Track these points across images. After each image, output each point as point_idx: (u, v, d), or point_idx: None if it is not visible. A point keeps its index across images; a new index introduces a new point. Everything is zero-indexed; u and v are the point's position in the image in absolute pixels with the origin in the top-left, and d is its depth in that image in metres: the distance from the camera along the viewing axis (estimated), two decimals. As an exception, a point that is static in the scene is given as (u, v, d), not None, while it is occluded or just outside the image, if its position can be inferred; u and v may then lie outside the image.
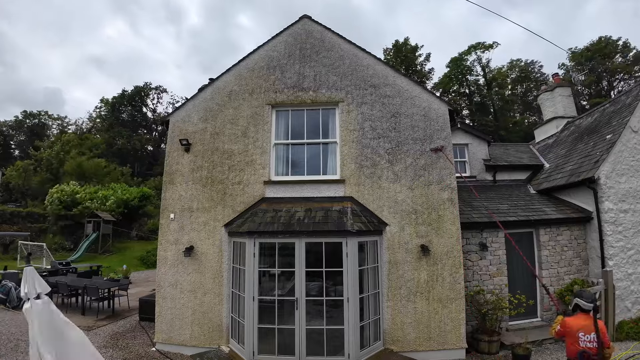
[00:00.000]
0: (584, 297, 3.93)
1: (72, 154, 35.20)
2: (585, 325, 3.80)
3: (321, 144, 7.46)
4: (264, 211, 6.75)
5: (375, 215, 6.82)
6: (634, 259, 7.77)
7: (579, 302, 3.95)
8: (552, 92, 12.91)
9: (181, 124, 7.69)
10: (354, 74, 7.51)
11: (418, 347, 6.39)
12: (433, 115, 7.25)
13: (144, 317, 8.74)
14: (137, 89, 50.43)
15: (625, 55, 33.05)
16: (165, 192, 7.43)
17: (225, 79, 7.77)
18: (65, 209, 24.30)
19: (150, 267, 19.45)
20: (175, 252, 7.08)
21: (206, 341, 6.73)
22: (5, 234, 21.34)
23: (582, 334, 3.78)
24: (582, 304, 3.92)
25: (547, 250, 8.05)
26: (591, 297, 3.89)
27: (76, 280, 10.51)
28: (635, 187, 8.04)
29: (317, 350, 5.91)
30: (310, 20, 7.96)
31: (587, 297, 3.92)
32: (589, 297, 3.90)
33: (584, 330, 3.79)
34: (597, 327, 3.72)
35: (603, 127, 9.45)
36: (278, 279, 6.44)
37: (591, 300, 3.86)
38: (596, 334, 3.70)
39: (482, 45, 39.09)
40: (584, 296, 3.94)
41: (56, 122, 52.78)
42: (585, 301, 3.89)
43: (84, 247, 21.85)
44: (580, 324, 3.84)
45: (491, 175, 10.80)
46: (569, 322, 3.95)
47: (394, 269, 6.62)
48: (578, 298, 3.98)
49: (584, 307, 3.89)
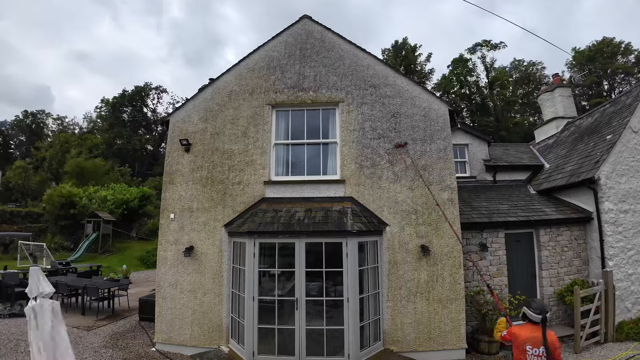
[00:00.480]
0: (532, 307, 3.54)
1: (71, 154, 35.20)
2: (532, 338, 3.42)
3: (321, 144, 7.46)
4: (264, 211, 6.75)
5: (375, 215, 6.82)
6: (634, 260, 7.77)
7: (527, 312, 3.58)
8: (552, 92, 12.91)
9: (181, 124, 7.69)
10: (354, 74, 7.51)
11: (418, 347, 6.39)
12: (433, 116, 7.24)
13: (144, 317, 8.74)
14: (138, 89, 50.48)
15: (627, 56, 33.10)
16: (165, 192, 7.43)
17: (225, 79, 7.78)
18: (63, 209, 24.30)
19: (150, 267, 19.45)
20: (175, 252, 7.08)
21: (206, 341, 6.73)
22: (6, 234, 21.34)
23: (530, 347, 3.41)
24: (529, 314, 3.54)
25: (547, 251, 8.04)
26: (540, 307, 3.48)
27: (76, 280, 10.51)
28: (635, 188, 8.04)
29: (317, 351, 5.90)
30: (310, 21, 7.96)
31: (536, 307, 3.51)
32: (537, 307, 3.50)
33: (531, 343, 3.42)
34: (545, 340, 3.36)
35: (603, 128, 9.44)
36: (278, 279, 6.43)
37: (540, 311, 3.46)
38: (545, 348, 3.34)
39: (489, 44, 39.04)
40: (532, 306, 3.55)
41: (56, 122, 52.84)
42: (533, 311, 3.50)
43: (84, 247, 21.84)
44: (527, 335, 3.47)
45: (491, 176, 10.80)
46: (515, 331, 3.60)
47: (394, 269, 6.62)
48: (526, 307, 3.60)
49: (531, 317, 3.52)
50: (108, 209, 25.25)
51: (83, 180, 31.58)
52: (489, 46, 39.10)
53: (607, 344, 7.04)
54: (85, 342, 7.29)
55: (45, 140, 44.72)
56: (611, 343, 7.05)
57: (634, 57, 33.07)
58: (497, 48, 38.99)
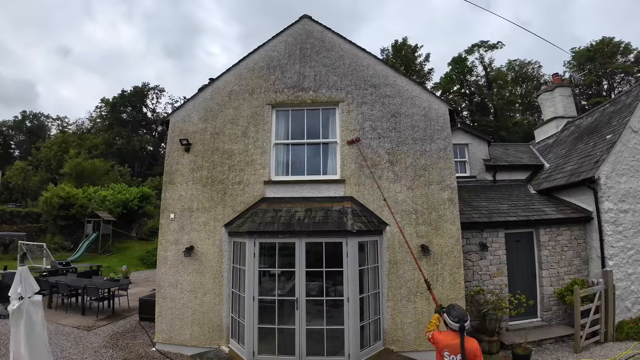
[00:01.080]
0: (451, 315, 3.40)
1: (70, 154, 35.18)
2: (451, 345, 3.31)
3: (321, 144, 7.46)
4: (264, 211, 6.75)
5: (376, 215, 6.82)
6: (634, 259, 7.77)
7: (445, 319, 3.47)
8: (552, 92, 12.92)
9: (181, 124, 7.69)
10: (354, 74, 7.51)
11: (418, 347, 6.39)
12: (433, 115, 7.24)
13: (144, 317, 8.73)
14: (137, 89, 50.44)
15: (626, 56, 33.14)
16: (165, 192, 7.43)
17: (225, 79, 7.77)
18: (61, 209, 24.30)
19: (150, 267, 19.44)
20: (175, 252, 7.08)
21: (206, 341, 6.73)
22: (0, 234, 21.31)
23: (448, 354, 3.32)
24: (447, 321, 3.43)
25: (547, 250, 8.05)
26: (459, 315, 3.34)
27: (76, 280, 10.50)
28: (635, 187, 8.05)
29: (317, 350, 5.91)
30: (310, 20, 7.96)
31: (455, 315, 3.37)
32: (456, 316, 3.35)
33: (449, 350, 3.31)
34: (463, 348, 3.24)
35: (603, 127, 9.45)
36: (278, 279, 6.43)
37: (458, 319, 3.33)
38: (462, 356, 3.23)
39: (486, 45, 39.08)
40: (451, 314, 3.41)
41: (56, 122, 52.85)
42: (452, 319, 3.37)
43: (84, 247, 21.83)
44: (446, 341, 3.36)
45: (491, 175, 10.81)
46: (436, 336, 3.50)
47: (394, 269, 6.62)
48: (446, 314, 3.47)
49: (450, 325, 3.40)
50: (107, 208, 25.24)
51: (82, 180, 31.56)
52: (486, 47, 39.12)
53: (607, 343, 7.04)
54: (85, 342, 7.29)
55: (45, 140, 44.66)
56: (611, 343, 7.05)
57: (634, 56, 33.10)
58: (496, 48, 39.01)
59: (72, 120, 54.34)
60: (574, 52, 34.21)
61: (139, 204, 27.76)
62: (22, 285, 4.36)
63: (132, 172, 41.15)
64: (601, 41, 34.10)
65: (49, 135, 49.05)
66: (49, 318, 8.93)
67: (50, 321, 8.70)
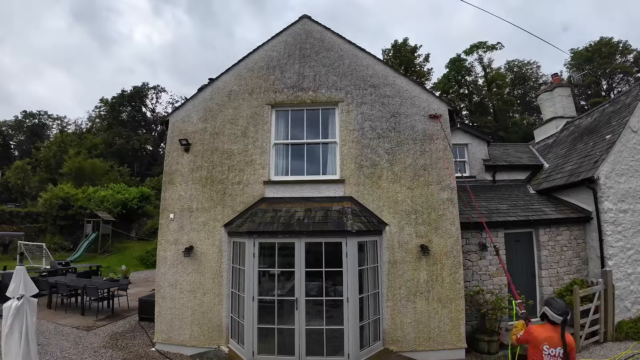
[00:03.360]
0: (553, 307, 3.47)
1: (69, 154, 35.15)
2: (551, 337, 3.36)
3: (321, 144, 7.46)
4: (264, 211, 6.75)
5: (375, 215, 6.82)
6: (633, 259, 7.78)
7: (547, 312, 3.51)
8: (552, 92, 12.93)
9: (181, 124, 7.68)
10: (353, 74, 7.51)
11: (418, 347, 6.39)
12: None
13: (143, 317, 8.73)
14: (136, 89, 50.40)
15: (625, 56, 33.19)
16: (165, 192, 7.42)
17: (224, 79, 7.77)
18: (61, 210, 24.27)
19: (150, 267, 19.41)
20: (174, 252, 7.08)
21: (206, 341, 6.73)
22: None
23: (547, 347, 3.35)
24: (549, 314, 3.47)
25: (546, 250, 8.05)
26: (562, 308, 3.41)
27: (75, 280, 10.49)
28: (634, 187, 8.05)
29: (316, 350, 5.90)
30: (310, 20, 7.96)
31: (557, 307, 3.43)
32: (559, 308, 3.42)
33: (549, 342, 3.36)
34: (564, 341, 3.28)
35: (602, 127, 9.45)
36: (278, 279, 6.44)
37: (561, 312, 3.38)
38: (563, 349, 3.28)
39: (485, 45, 39.10)
40: (553, 305, 3.47)
41: (56, 122, 52.79)
42: (555, 312, 3.42)
43: (83, 247, 21.81)
44: (546, 335, 3.42)
45: (491, 175, 10.81)
46: (534, 330, 3.55)
47: (393, 269, 6.63)
48: (547, 307, 3.52)
49: (552, 318, 3.44)
50: (106, 208, 25.21)
51: (82, 180, 31.53)
52: (485, 47, 39.14)
53: (606, 343, 7.05)
54: (85, 342, 7.28)
55: (45, 140, 44.63)
56: (611, 342, 7.06)
57: (633, 56, 33.14)
58: (495, 49, 39.03)
59: (71, 120, 54.32)
60: (572, 53, 34.25)
61: (139, 204, 27.75)
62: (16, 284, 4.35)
63: (132, 172, 41.12)
64: (599, 41, 34.14)
65: (49, 136, 49.00)
66: (48, 318, 8.96)
67: (50, 321, 8.71)
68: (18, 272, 4.39)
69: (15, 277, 4.38)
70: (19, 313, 4.22)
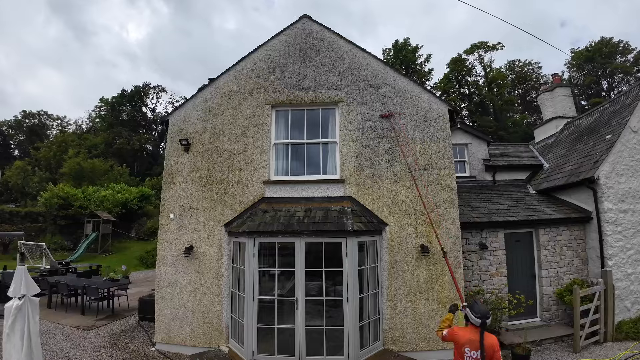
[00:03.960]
0: (473, 310, 3.47)
1: (69, 154, 35.14)
2: (471, 340, 3.38)
3: (321, 144, 7.46)
4: (264, 211, 6.75)
5: (375, 215, 6.82)
6: (633, 259, 7.78)
7: (468, 314, 3.52)
8: (552, 92, 12.93)
9: (181, 123, 7.68)
10: (353, 74, 7.51)
11: (418, 347, 6.39)
12: (433, 115, 7.24)
13: (143, 317, 8.73)
14: (137, 88, 50.38)
15: (625, 56, 33.19)
16: (165, 192, 7.42)
17: (224, 79, 7.77)
18: (61, 209, 24.27)
19: (150, 267, 19.41)
20: (174, 252, 7.08)
21: (206, 341, 6.73)
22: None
23: (468, 350, 3.37)
24: (470, 316, 3.49)
25: (546, 250, 8.05)
26: (482, 312, 3.40)
27: (75, 280, 10.49)
28: (634, 187, 8.05)
29: (316, 350, 5.91)
30: (310, 20, 7.96)
31: (477, 310, 3.43)
32: (478, 311, 3.41)
33: (470, 345, 3.37)
34: (482, 344, 3.29)
35: (602, 127, 9.45)
36: (278, 279, 6.44)
37: (480, 315, 3.38)
38: (481, 352, 3.29)
39: (486, 45, 39.07)
40: (474, 308, 3.48)
41: (55, 122, 52.75)
42: (474, 315, 3.43)
43: (83, 247, 21.82)
44: (467, 337, 3.43)
45: (491, 175, 10.81)
46: (457, 332, 3.59)
47: (393, 269, 6.62)
48: (468, 309, 3.54)
49: (471, 320, 3.46)
50: (106, 208, 25.21)
51: (82, 180, 31.52)
52: (486, 47, 39.11)
53: (606, 343, 7.05)
54: (85, 342, 7.28)
55: (45, 140, 44.61)
56: (610, 342, 7.06)
57: (633, 56, 33.14)
58: (495, 49, 39.01)
59: (72, 120, 54.29)
60: (572, 53, 34.26)
61: (139, 204, 27.76)
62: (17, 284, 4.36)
63: (132, 171, 41.09)
64: (600, 41, 34.14)
65: (49, 135, 48.97)
66: (48, 318, 8.96)
67: (50, 321, 8.71)
68: (19, 272, 4.39)
69: (17, 276, 4.38)
70: (20, 313, 4.22)
